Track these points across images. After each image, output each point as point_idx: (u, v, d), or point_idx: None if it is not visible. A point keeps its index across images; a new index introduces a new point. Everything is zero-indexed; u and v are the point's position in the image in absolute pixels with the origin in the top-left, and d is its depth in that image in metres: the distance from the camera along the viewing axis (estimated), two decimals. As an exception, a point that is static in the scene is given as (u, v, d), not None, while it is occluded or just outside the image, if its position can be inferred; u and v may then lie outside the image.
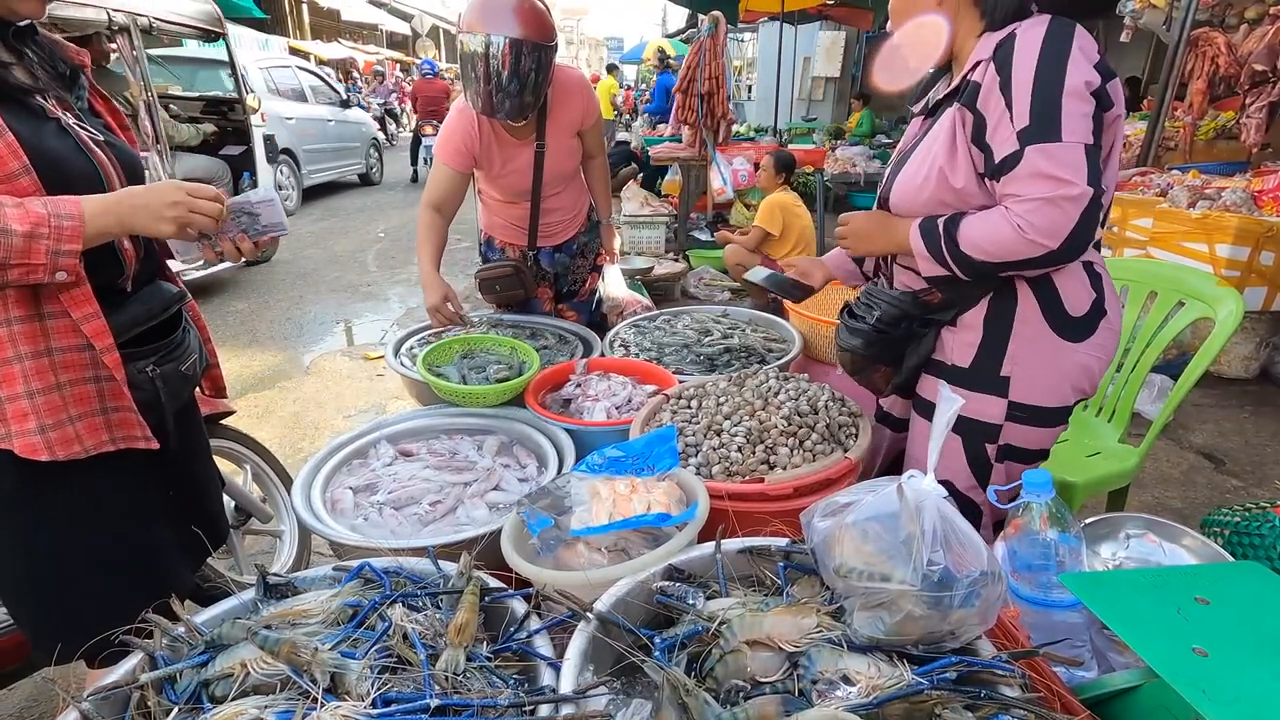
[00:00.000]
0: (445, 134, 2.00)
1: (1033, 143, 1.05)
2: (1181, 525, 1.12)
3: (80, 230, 0.95)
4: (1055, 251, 1.06)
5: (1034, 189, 1.05)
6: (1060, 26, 1.09)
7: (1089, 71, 1.05)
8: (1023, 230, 1.06)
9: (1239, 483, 2.57)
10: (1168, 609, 0.81)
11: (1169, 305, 1.85)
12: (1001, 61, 1.09)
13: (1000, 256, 1.11)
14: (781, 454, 1.32)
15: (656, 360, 1.94)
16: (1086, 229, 1.05)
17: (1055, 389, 1.20)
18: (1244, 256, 3.12)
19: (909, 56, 1.32)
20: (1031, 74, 1.06)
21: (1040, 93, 1.05)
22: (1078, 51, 1.06)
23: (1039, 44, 1.07)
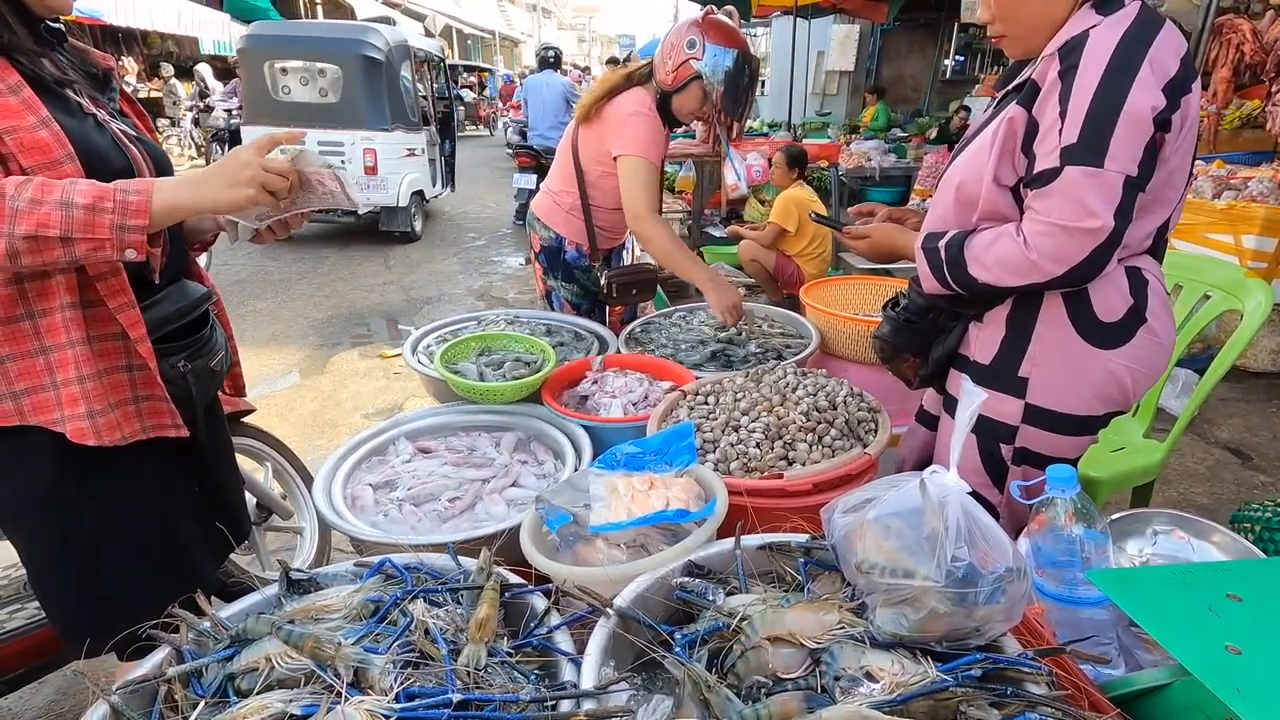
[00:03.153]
0: (649, 134, 1.98)
1: (1074, 163, 1.01)
2: (1210, 521, 1.10)
3: (146, 205, 0.94)
4: (1059, 278, 1.05)
5: (1057, 211, 1.02)
6: (1139, 31, 1.01)
7: (1155, 95, 0.98)
8: (1028, 249, 1.05)
9: (1267, 478, 2.52)
10: (1199, 606, 0.80)
11: (1195, 298, 1.82)
12: (1067, 66, 1.03)
13: (1002, 279, 1.09)
14: (800, 450, 1.31)
15: (672, 357, 1.94)
16: (1097, 261, 1.02)
17: (1078, 395, 1.16)
18: (1270, 247, 3.06)
19: (1004, 35, 1.17)
20: (1093, 88, 1.00)
21: (1096, 111, 0.99)
22: (1148, 69, 0.99)
23: (1109, 53, 1.00)
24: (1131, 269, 1.14)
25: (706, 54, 1.90)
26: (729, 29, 1.95)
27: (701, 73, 1.92)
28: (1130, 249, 1.13)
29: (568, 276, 2.29)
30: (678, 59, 1.93)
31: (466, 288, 5.06)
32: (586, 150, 2.08)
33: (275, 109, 6.02)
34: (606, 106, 2.00)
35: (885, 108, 10.16)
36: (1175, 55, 1.02)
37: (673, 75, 1.95)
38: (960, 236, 1.17)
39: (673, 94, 1.98)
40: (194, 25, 11.49)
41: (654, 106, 1.99)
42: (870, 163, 8.44)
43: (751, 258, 4.30)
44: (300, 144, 1.10)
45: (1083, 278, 1.06)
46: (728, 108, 1.98)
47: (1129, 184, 1.00)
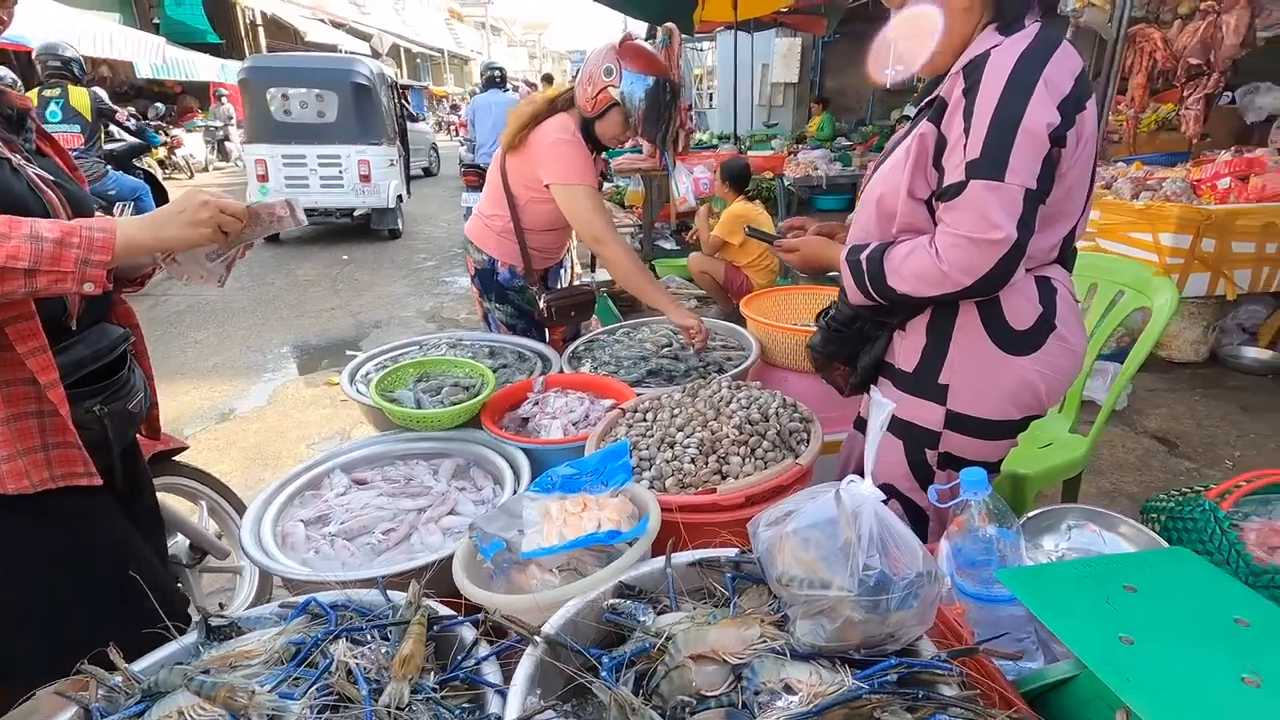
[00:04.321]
0: (580, 159, 1.99)
1: (978, 177, 1.05)
2: (1118, 514, 1.14)
3: (111, 242, 0.98)
4: (970, 288, 1.09)
5: (964, 224, 1.06)
6: (1036, 52, 1.05)
7: (1051, 112, 1.03)
8: (939, 261, 1.09)
9: (1192, 464, 2.65)
10: (1097, 599, 0.83)
11: (1110, 296, 1.90)
12: (970, 85, 1.08)
13: (919, 290, 1.13)
14: (734, 463, 1.33)
15: (614, 374, 1.95)
16: (1004, 271, 1.07)
17: (994, 401, 1.21)
18: (1186, 244, 3.22)
19: (901, 51, 1.25)
20: (993, 106, 1.04)
21: (996, 127, 1.03)
22: (1043, 88, 1.03)
23: (1007, 73, 1.04)
24: (1041, 278, 1.19)
25: (624, 80, 1.92)
26: (647, 55, 1.98)
27: (620, 99, 1.94)
28: (1038, 259, 1.18)
29: (501, 298, 2.29)
30: (597, 86, 1.95)
31: (417, 310, 5.00)
32: (515, 177, 2.08)
33: (277, 129, 7.07)
34: (531, 134, 2.01)
35: (830, 117, 10.42)
36: (1070, 75, 1.07)
37: (592, 102, 1.97)
38: (880, 249, 1.20)
39: (594, 120, 2.01)
40: (128, 49, 11.16)
41: (578, 132, 2.00)
42: (817, 171, 8.64)
43: (701, 269, 4.35)
44: None
45: (992, 287, 1.10)
46: (649, 132, 2.01)
47: (1029, 196, 1.05)
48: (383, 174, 7.30)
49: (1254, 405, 3.09)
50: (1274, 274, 3.29)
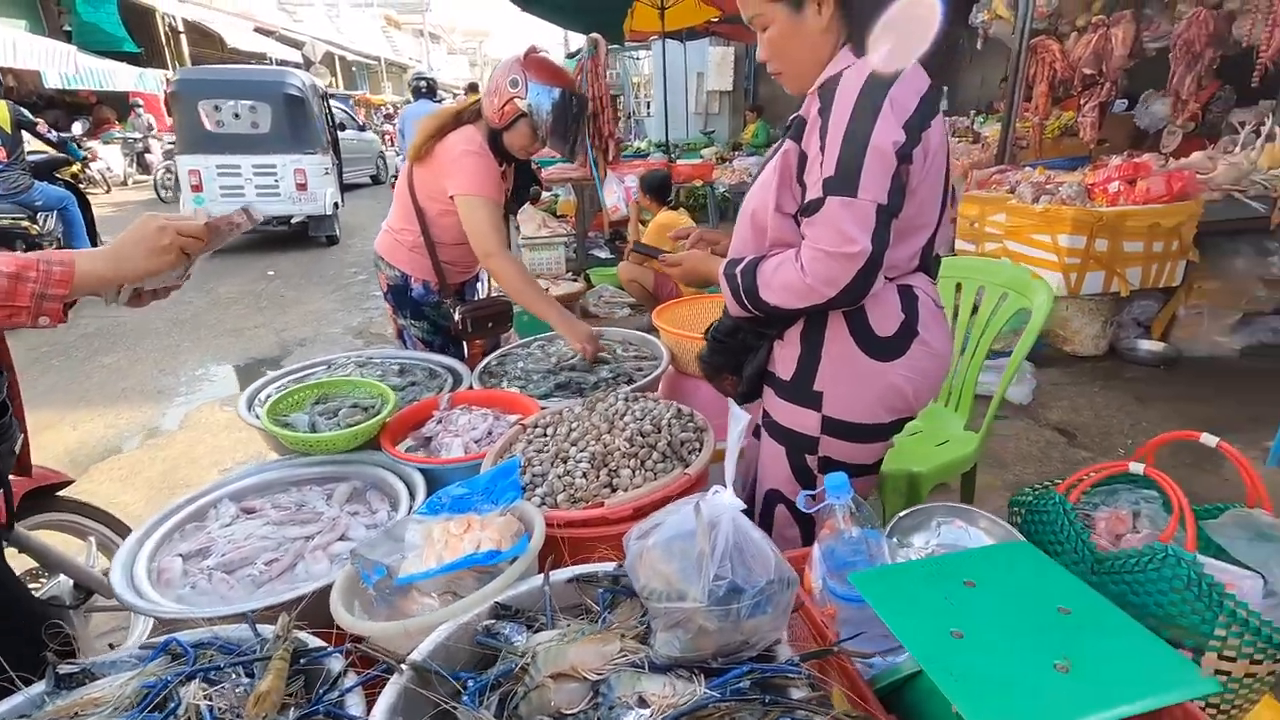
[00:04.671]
0: (483, 171, 1.98)
1: (833, 193, 1.09)
2: (979, 510, 1.20)
3: (69, 275, 0.98)
4: (833, 299, 1.13)
5: (824, 238, 1.11)
6: (879, 76, 1.09)
7: (896, 131, 1.08)
8: (804, 275, 1.13)
9: (1088, 454, 2.79)
10: (937, 596, 0.87)
11: (995, 297, 1.99)
12: (824, 104, 1.12)
13: (787, 302, 1.17)
14: (624, 476, 1.34)
15: (523, 389, 1.94)
16: (863, 283, 1.11)
17: (865, 406, 1.25)
18: (1081, 245, 3.40)
19: (780, 72, 1.28)
20: (844, 125, 1.09)
21: (848, 146, 1.08)
22: (889, 108, 1.08)
23: (856, 94, 1.09)
24: (903, 287, 1.24)
25: (530, 92, 1.93)
26: (553, 67, 2.00)
27: (526, 110, 1.95)
28: (899, 269, 1.23)
29: (416, 314, 2.26)
30: (503, 98, 1.96)
31: (345, 326, 4.87)
32: (422, 189, 2.07)
33: (210, 139, 7.21)
34: (437, 146, 2.00)
35: (765, 125, 10.63)
36: (915, 94, 1.12)
37: (500, 113, 1.97)
38: (753, 263, 1.24)
39: (502, 131, 2.01)
40: (34, 58, 10.57)
41: (485, 144, 2.00)
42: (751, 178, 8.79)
43: (631, 278, 4.37)
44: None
45: (854, 298, 1.15)
46: (557, 143, 2.03)
47: (881, 211, 1.09)
48: (319, 182, 7.57)
49: (1147, 395, 3.29)
50: (1162, 271, 3.51)
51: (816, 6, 1.16)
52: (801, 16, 1.18)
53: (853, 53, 1.17)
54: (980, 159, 5.13)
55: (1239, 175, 3.45)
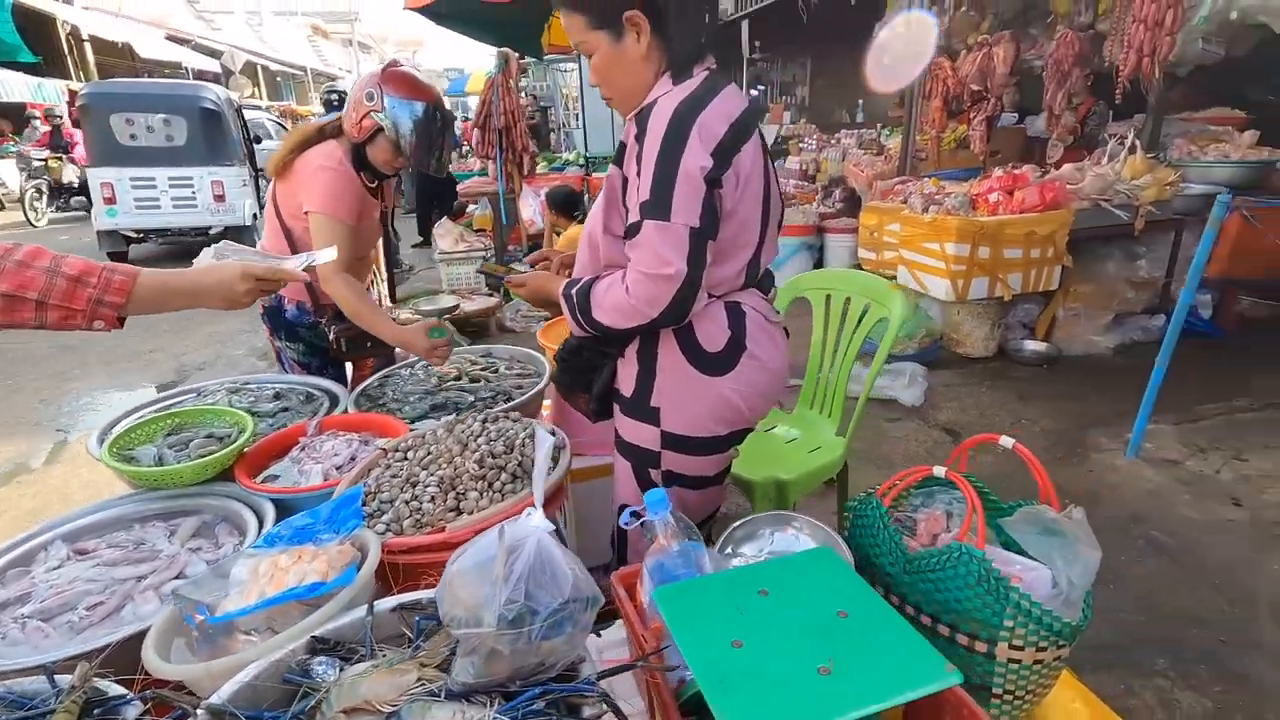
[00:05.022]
0: (334, 188, 1.93)
1: (648, 217, 1.13)
2: (806, 517, 1.25)
3: (128, 286, 1.04)
4: (657, 319, 1.17)
5: (642, 261, 1.14)
6: (692, 101, 1.13)
7: (704, 157, 1.12)
8: (629, 295, 1.16)
9: (971, 452, 2.93)
10: (730, 607, 0.91)
11: (860, 306, 2.08)
12: (640, 130, 1.16)
13: (617, 321, 1.20)
14: (471, 498, 1.34)
15: (398, 411, 1.92)
16: (683, 302, 1.15)
17: (699, 420, 1.29)
18: (966, 253, 3.59)
19: (610, 97, 1.31)
20: (656, 150, 1.12)
21: (660, 172, 1.12)
22: (696, 135, 1.11)
23: (666, 122, 1.13)
24: (731, 304, 1.28)
25: (387, 106, 1.91)
26: (413, 81, 1.98)
27: (384, 125, 1.93)
28: (725, 286, 1.27)
29: (291, 335, 2.20)
30: (360, 112, 1.93)
31: (250, 347, 4.70)
32: (285, 206, 2.02)
33: (124, 152, 7.30)
34: (296, 161, 1.96)
35: (691, 136, 10.79)
36: (725, 120, 1.16)
37: (357, 128, 1.95)
38: (588, 284, 1.27)
39: (364, 146, 1.98)
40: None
41: (345, 159, 1.97)
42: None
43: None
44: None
45: (678, 316, 1.18)
46: (421, 159, 2.00)
47: (695, 234, 1.13)
48: (237, 194, 7.72)
49: (1029, 393, 3.48)
50: (1040, 276, 3.73)
51: (635, 35, 1.20)
52: (622, 44, 1.21)
53: (671, 80, 1.22)
54: (883, 170, 5.35)
55: (1104, 186, 3.71)
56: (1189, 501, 2.49)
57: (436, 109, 1.98)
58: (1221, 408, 3.14)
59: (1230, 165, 3.93)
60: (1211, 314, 4.18)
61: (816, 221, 5.49)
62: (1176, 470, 2.70)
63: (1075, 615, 1.07)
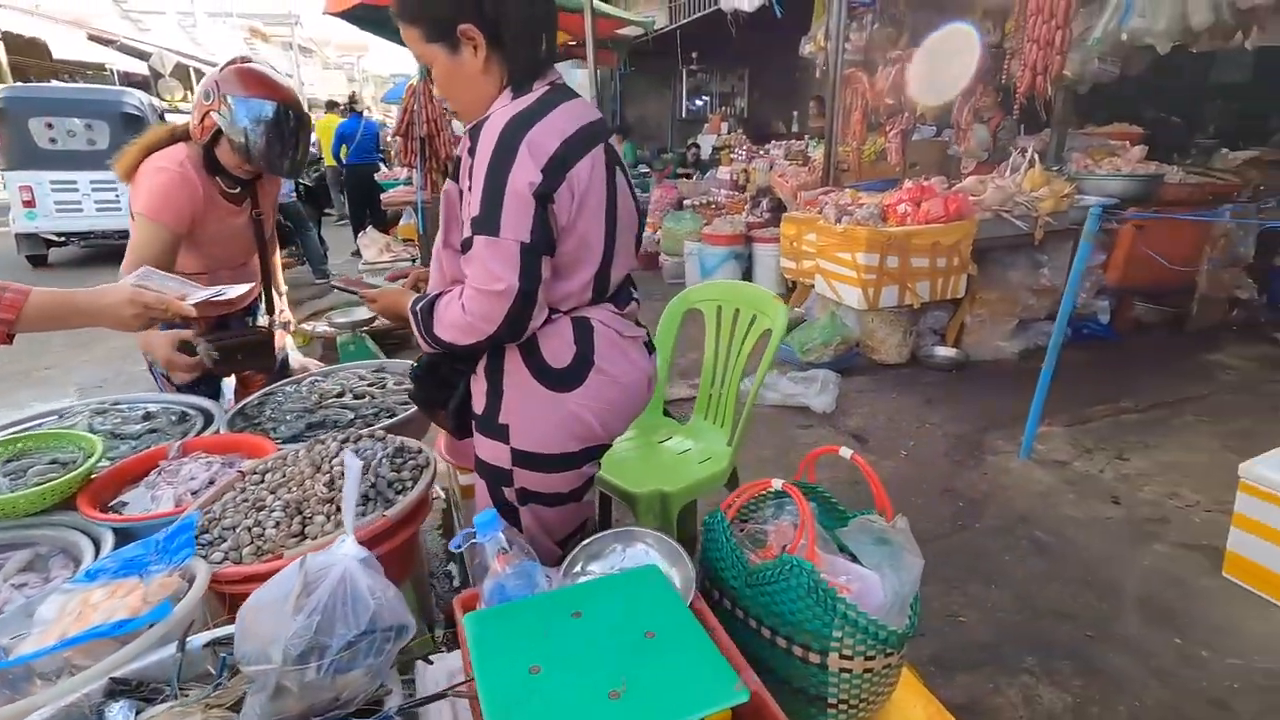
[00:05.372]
0: (160, 191, 1.84)
1: (479, 232, 1.12)
2: (654, 531, 1.24)
3: (19, 304, 1.10)
4: (494, 335, 1.16)
5: (475, 276, 1.13)
6: (525, 116, 1.13)
7: (533, 173, 1.11)
8: (465, 312, 1.15)
9: (873, 457, 3.00)
10: (538, 631, 0.89)
11: (749, 317, 2.10)
12: (473, 144, 1.15)
13: (456, 338, 1.19)
14: (318, 522, 1.29)
15: (272, 430, 1.85)
16: (519, 318, 1.14)
17: (549, 436, 1.27)
18: (875, 262, 3.69)
19: (457, 110, 1.31)
20: (485, 166, 1.11)
21: (489, 187, 1.11)
22: (525, 151, 1.10)
23: (496, 137, 1.12)
24: (579, 319, 1.27)
25: (229, 105, 1.82)
26: (261, 78, 1.87)
27: (226, 125, 1.84)
28: (571, 301, 1.26)
29: None
30: (200, 111, 1.85)
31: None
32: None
33: (44, 155, 7.31)
34: (142, 163, 1.88)
35: (632, 146, 10.86)
36: (558, 136, 1.15)
37: (199, 129, 1.87)
38: (431, 300, 1.25)
39: (213, 148, 1.90)
40: None
41: (189, 162, 1.89)
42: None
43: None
44: None
45: (515, 332, 1.17)
46: (272, 162, 1.91)
47: (526, 249, 1.12)
48: None
49: (936, 398, 3.59)
50: (947, 284, 3.86)
51: (473, 49, 1.19)
52: (459, 58, 1.20)
53: (511, 95, 1.21)
54: (807, 181, 5.47)
55: (1004, 198, 3.87)
56: (1072, 501, 2.60)
57: (288, 108, 1.89)
58: (1109, 409, 3.30)
59: (1121, 178, 4.15)
60: (1109, 319, 4.39)
61: (744, 231, 5.56)
62: (1064, 471, 2.82)
63: (902, 623, 1.09)
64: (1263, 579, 2.03)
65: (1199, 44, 4.48)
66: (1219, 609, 2.02)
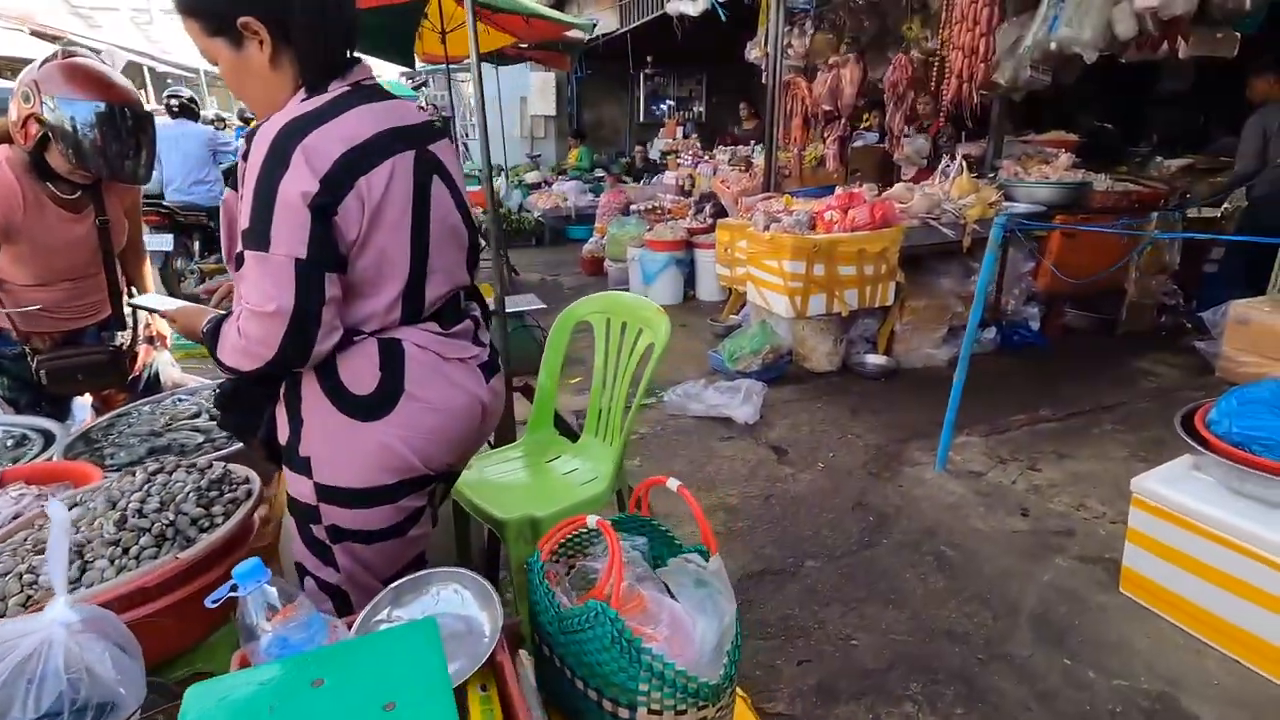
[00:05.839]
0: None
1: (249, 247, 1.02)
2: (472, 574, 1.14)
3: None
4: (276, 360, 1.05)
5: (248, 295, 1.04)
6: (308, 119, 1.03)
7: (308, 182, 1.00)
8: (240, 335, 1.05)
9: (791, 469, 2.94)
10: (261, 708, 0.78)
11: (636, 329, 2.01)
12: (249, 150, 1.05)
13: (239, 363, 1.08)
14: (99, 566, 1.17)
15: (110, 457, 1.71)
16: (298, 340, 1.04)
17: (356, 470, 1.17)
18: (802, 270, 3.64)
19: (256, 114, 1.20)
20: (256, 174, 1.02)
21: (259, 197, 1.01)
22: (301, 157, 1.00)
23: (270, 141, 1.02)
24: (388, 341, 1.17)
25: (54, 107, 1.68)
26: (88, 75, 1.72)
27: (52, 128, 1.69)
28: (376, 322, 1.16)
29: None
30: (20, 113, 1.71)
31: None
32: None
33: None
34: None
35: (588, 150, 10.78)
36: (344, 142, 1.04)
37: (21, 133, 1.73)
38: (218, 322, 1.14)
39: (43, 153, 1.76)
40: None
41: (8, 164, 1.75)
42: (567, 203, 8.85)
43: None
44: None
45: (300, 357, 1.06)
46: (114, 167, 1.77)
47: (302, 266, 1.02)
48: None
49: (861, 407, 3.55)
50: (875, 292, 3.83)
51: (258, 44, 1.08)
52: (244, 53, 1.09)
53: (305, 95, 1.10)
54: (748, 186, 5.43)
55: (932, 205, 3.85)
56: (982, 514, 2.56)
57: (124, 107, 1.75)
58: (1027, 418, 3.28)
59: (1050, 185, 4.17)
60: (1039, 325, 4.40)
61: (685, 236, 5.50)
62: (977, 482, 2.78)
63: (715, 674, 1.01)
64: (1156, 595, 2.01)
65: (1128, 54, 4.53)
66: (1113, 626, 1.98)
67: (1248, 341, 3.49)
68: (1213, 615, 1.87)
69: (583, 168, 10.44)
